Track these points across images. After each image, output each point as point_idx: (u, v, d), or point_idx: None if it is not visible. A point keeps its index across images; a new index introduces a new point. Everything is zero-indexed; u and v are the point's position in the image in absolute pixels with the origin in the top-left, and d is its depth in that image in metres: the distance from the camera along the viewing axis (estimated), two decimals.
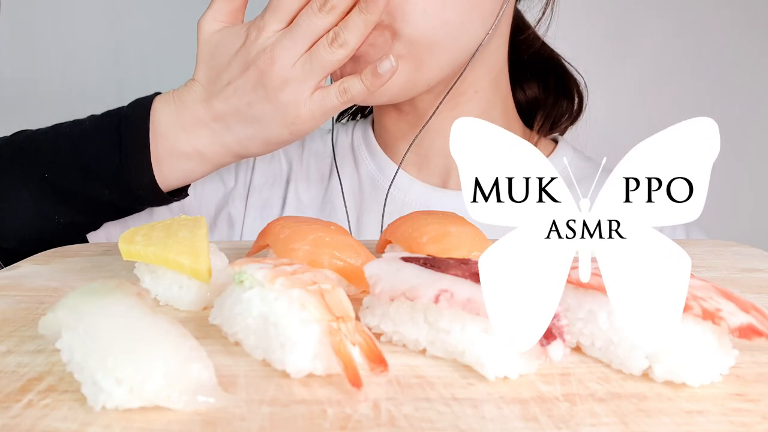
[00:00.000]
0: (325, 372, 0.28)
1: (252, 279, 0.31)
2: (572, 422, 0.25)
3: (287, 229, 0.40)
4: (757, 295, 0.40)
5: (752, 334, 0.27)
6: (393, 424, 0.24)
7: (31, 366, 0.29)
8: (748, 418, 0.25)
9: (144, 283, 0.39)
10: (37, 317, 0.35)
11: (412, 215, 0.43)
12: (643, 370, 0.28)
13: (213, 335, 0.33)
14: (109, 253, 0.49)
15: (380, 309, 0.32)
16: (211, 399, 0.26)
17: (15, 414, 0.25)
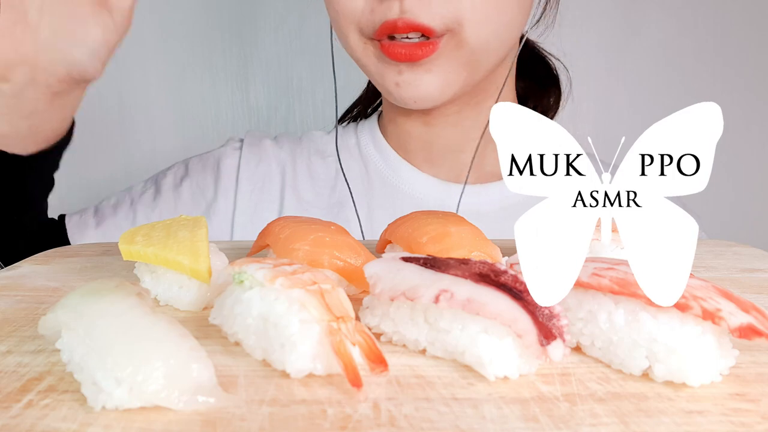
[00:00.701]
0: (325, 372, 0.28)
1: (252, 279, 0.31)
2: (572, 422, 0.25)
3: (287, 229, 0.40)
4: (757, 295, 0.40)
5: (752, 334, 0.27)
6: (393, 424, 0.24)
7: (31, 366, 0.29)
8: (748, 418, 0.25)
9: (144, 283, 0.39)
10: (37, 317, 0.35)
11: (412, 215, 0.43)
12: (643, 370, 0.28)
13: (213, 335, 0.33)
14: (109, 253, 0.49)
15: (380, 309, 0.32)
16: (211, 399, 0.26)
17: (15, 414, 0.25)
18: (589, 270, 0.30)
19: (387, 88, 0.60)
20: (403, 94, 0.59)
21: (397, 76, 0.59)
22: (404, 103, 0.60)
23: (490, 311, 0.28)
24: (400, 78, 0.58)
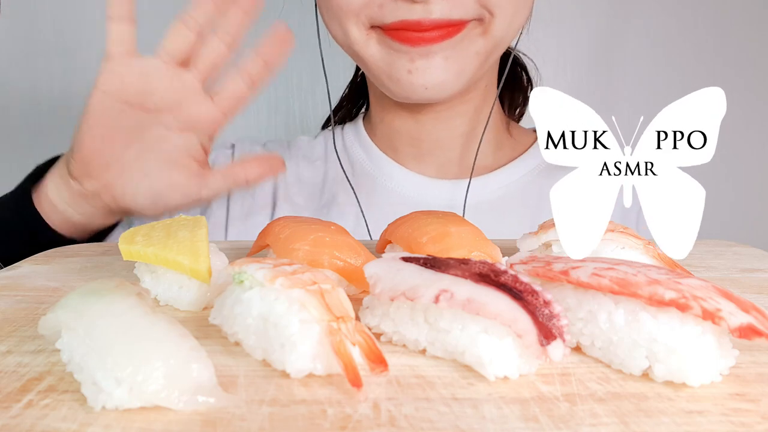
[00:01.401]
0: (325, 372, 0.28)
1: (252, 279, 0.31)
2: (572, 422, 0.24)
3: (287, 229, 0.40)
4: (757, 295, 0.40)
5: (752, 334, 0.27)
6: (393, 424, 0.24)
7: (31, 366, 0.29)
8: (748, 418, 0.25)
9: (144, 283, 0.39)
10: (37, 317, 0.35)
11: (412, 215, 0.43)
12: (643, 370, 0.28)
13: (213, 335, 0.33)
14: (109, 253, 0.49)
15: (380, 309, 0.32)
16: (211, 399, 0.26)
17: (15, 414, 0.25)
18: (589, 270, 0.30)
19: (395, 76, 0.58)
20: (415, 81, 0.57)
21: (409, 63, 0.56)
22: (413, 90, 0.58)
23: (490, 311, 0.28)
24: (413, 65, 0.56)
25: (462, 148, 0.67)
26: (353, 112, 0.78)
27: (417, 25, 0.54)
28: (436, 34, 0.55)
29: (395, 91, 0.60)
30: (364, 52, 0.59)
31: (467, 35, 0.56)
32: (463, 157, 0.68)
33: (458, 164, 0.68)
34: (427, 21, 0.54)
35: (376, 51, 0.59)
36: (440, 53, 0.56)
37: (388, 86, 0.60)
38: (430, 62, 0.56)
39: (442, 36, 0.55)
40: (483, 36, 0.57)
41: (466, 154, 0.68)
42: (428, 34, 0.55)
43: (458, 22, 0.55)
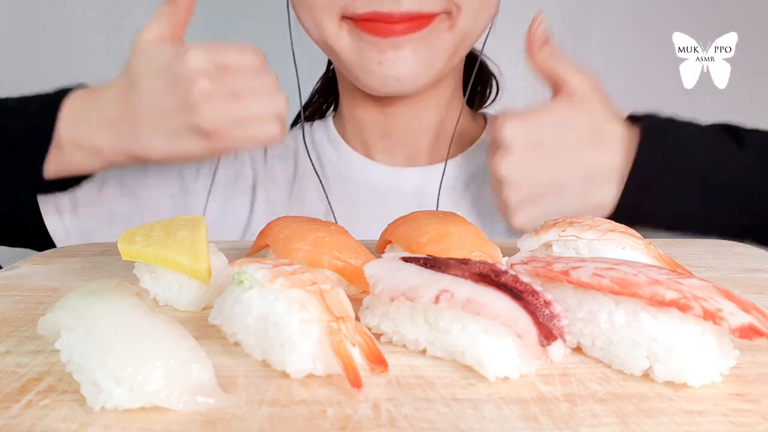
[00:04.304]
0: (325, 372, 0.28)
1: (252, 279, 0.31)
2: (572, 422, 0.24)
3: (287, 229, 0.40)
4: (757, 295, 0.40)
5: (753, 334, 0.27)
6: (393, 425, 0.24)
7: (30, 366, 0.29)
8: (748, 418, 0.25)
9: (143, 283, 0.39)
10: (37, 317, 0.35)
11: (412, 215, 0.43)
12: (643, 371, 0.28)
13: (213, 335, 0.33)
14: (108, 253, 0.49)
15: (380, 309, 0.32)
16: (211, 399, 0.25)
17: (15, 414, 0.25)
18: (590, 270, 0.30)
19: (368, 68, 0.60)
20: (386, 72, 0.59)
21: (380, 55, 0.58)
22: (385, 82, 0.60)
23: (490, 311, 0.28)
24: (383, 57, 0.58)
25: (431, 140, 0.69)
26: (324, 108, 0.80)
27: (387, 17, 0.56)
28: (405, 27, 0.57)
29: (367, 83, 0.61)
30: (337, 45, 0.61)
31: (435, 28, 0.58)
32: (432, 148, 0.69)
33: (428, 154, 0.69)
34: (397, 13, 0.56)
35: (347, 43, 0.60)
36: (409, 45, 0.58)
37: (361, 78, 0.61)
38: (399, 54, 0.58)
39: (411, 28, 0.57)
40: (450, 30, 0.59)
41: (435, 145, 0.69)
42: (397, 26, 0.57)
43: (427, 14, 0.57)
